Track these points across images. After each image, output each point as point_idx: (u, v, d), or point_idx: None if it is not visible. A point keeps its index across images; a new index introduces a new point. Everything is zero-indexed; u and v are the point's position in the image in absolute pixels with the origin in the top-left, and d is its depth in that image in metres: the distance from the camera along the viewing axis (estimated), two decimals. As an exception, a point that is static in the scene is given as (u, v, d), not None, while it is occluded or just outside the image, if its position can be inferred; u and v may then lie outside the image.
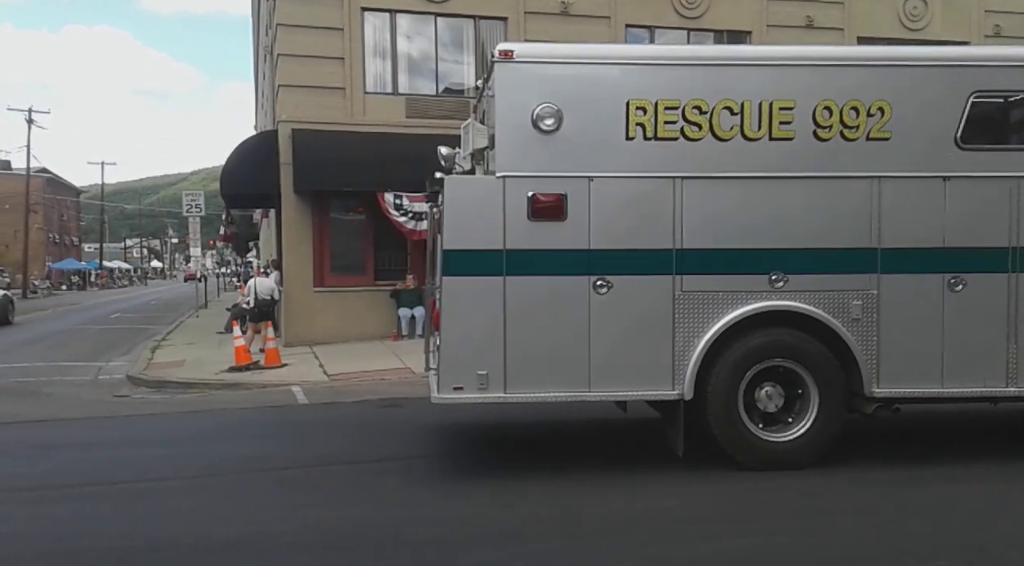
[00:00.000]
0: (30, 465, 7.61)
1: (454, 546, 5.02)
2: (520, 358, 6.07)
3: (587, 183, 6.10)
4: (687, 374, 6.16)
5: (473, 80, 17.35)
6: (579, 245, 6.11)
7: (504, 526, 5.40)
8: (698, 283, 6.21)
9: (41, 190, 61.53)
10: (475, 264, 6.07)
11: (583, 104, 6.13)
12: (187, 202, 27.72)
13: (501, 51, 6.12)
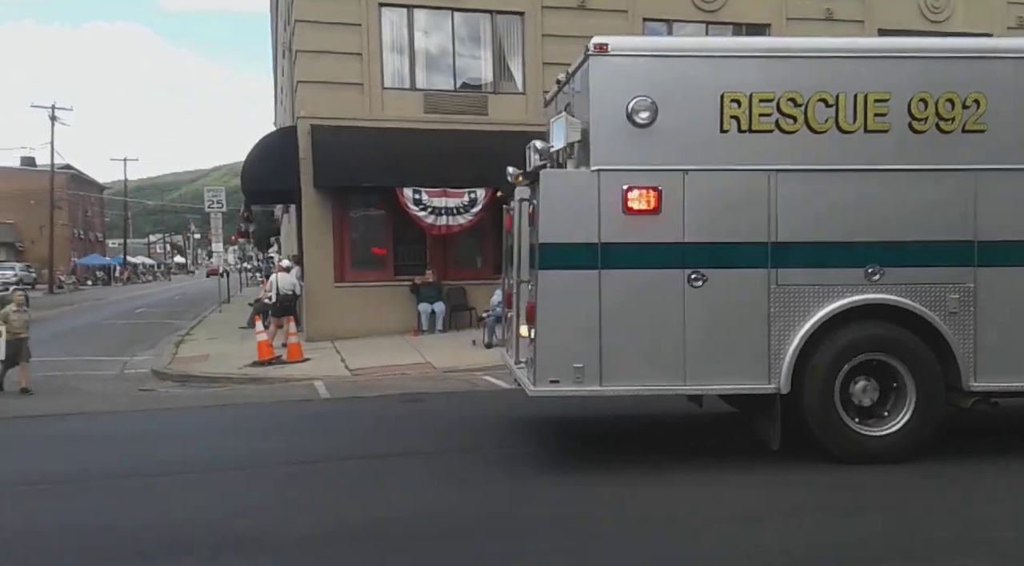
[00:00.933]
0: (56, 459, 7.77)
1: (460, 540, 5.08)
2: (616, 351, 6.07)
3: (682, 176, 6.11)
4: (783, 368, 6.14)
5: (491, 75, 17.40)
6: (674, 238, 6.11)
7: (523, 520, 5.45)
8: (794, 276, 6.19)
9: (65, 186, 62.26)
10: (570, 258, 6.09)
11: (677, 97, 6.13)
12: (208, 198, 28.00)
13: (596, 45, 6.11)
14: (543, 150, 6.61)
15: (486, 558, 4.83)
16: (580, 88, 6.49)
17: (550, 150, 6.56)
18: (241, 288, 41.24)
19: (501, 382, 11.22)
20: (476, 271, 17.28)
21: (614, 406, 7.81)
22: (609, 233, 6.08)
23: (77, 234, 70.97)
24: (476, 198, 15.95)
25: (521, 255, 6.85)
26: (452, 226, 15.91)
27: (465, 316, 16.56)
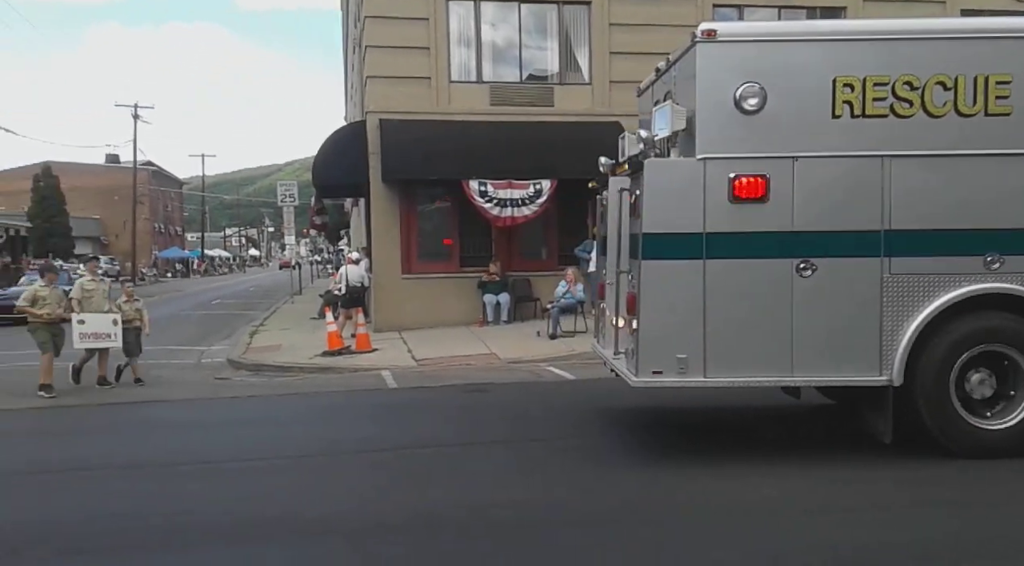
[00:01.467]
0: (138, 444, 8.10)
1: (536, 529, 5.10)
2: (720, 342, 6.00)
3: (791, 163, 6.00)
4: (896, 360, 5.97)
5: (556, 66, 17.33)
6: (782, 227, 6.00)
7: (596, 509, 5.44)
8: (908, 265, 6.02)
9: (147, 182, 64.73)
10: (674, 247, 6.04)
11: (787, 82, 6.01)
12: (281, 192, 28.76)
13: (704, 31, 6.03)
14: (647, 139, 6.47)
15: (560, 547, 4.84)
16: (684, 75, 6.39)
17: (654, 138, 6.43)
18: (312, 280, 42.18)
19: (565, 373, 11.22)
20: (541, 262, 17.29)
21: (689, 397, 7.70)
22: (715, 222, 5.98)
23: (158, 228, 73.70)
24: (541, 189, 15.93)
25: (621, 245, 6.83)
26: (517, 217, 15.93)
27: (530, 307, 16.58)
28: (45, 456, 7.68)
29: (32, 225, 50.03)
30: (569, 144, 16.22)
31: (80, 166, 62.69)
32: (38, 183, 54.62)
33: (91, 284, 11.34)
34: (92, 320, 10.97)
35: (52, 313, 10.79)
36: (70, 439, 8.63)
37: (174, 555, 4.86)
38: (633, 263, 6.44)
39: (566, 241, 17.20)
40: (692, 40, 6.13)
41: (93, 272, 11.85)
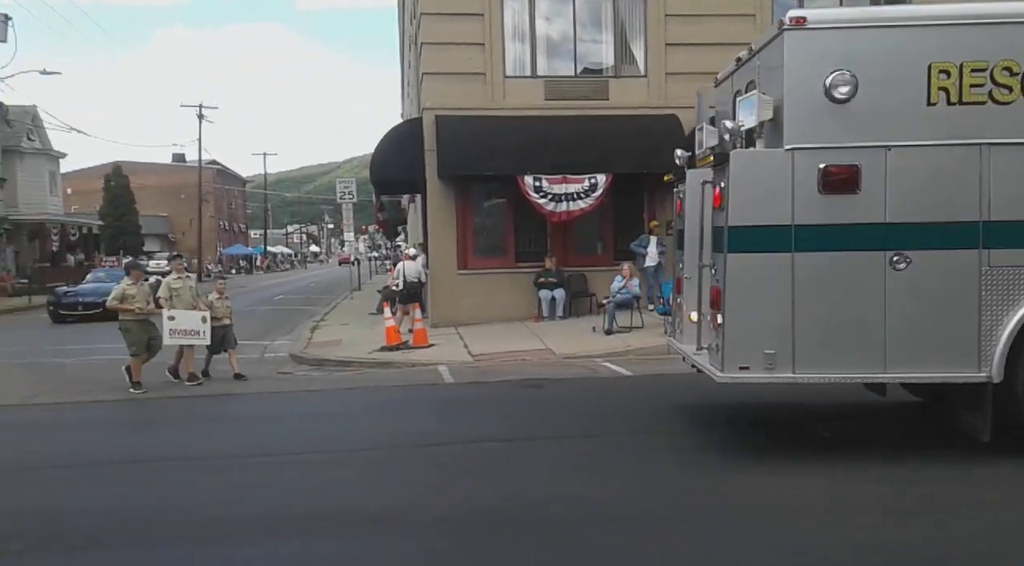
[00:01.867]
0: (202, 436, 8.37)
1: (588, 525, 5.10)
2: (810, 338, 5.89)
3: (884, 153, 5.86)
4: (995, 355, 5.79)
5: (612, 59, 17.20)
6: (874, 219, 5.87)
7: (639, 508, 5.42)
8: (1008, 257, 5.86)
9: (212, 180, 66.52)
10: (762, 240, 5.96)
11: (880, 70, 5.88)
12: (340, 189, 29.19)
13: (792, 18, 5.93)
14: (732, 129, 6.37)
15: (608, 544, 4.83)
16: (770, 64, 6.28)
17: (740, 129, 6.32)
18: (371, 275, 42.78)
19: (621, 369, 11.16)
20: (596, 257, 17.21)
21: (748, 393, 7.61)
22: (803, 214, 5.88)
23: (222, 225, 75.65)
24: (596, 183, 15.84)
25: (703, 239, 6.75)
26: (572, 211, 15.88)
27: (585, 302, 16.53)
28: (120, 447, 7.99)
29: (104, 223, 51.89)
30: (624, 138, 16.10)
31: (148, 165, 64.74)
32: (109, 182, 56.63)
33: (177, 282, 11.44)
34: (182, 317, 11.06)
35: (143, 308, 10.84)
36: (143, 431, 8.95)
37: (236, 546, 5.01)
38: (717, 257, 6.35)
39: (622, 236, 17.09)
40: (779, 28, 6.01)
41: (179, 270, 11.97)
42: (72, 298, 21.81)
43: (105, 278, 23.69)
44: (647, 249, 16.09)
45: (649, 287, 15.89)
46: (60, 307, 21.68)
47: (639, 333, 13.66)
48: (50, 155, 42.90)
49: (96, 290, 21.88)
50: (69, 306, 21.45)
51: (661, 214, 17.06)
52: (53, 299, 22.45)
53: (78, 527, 5.33)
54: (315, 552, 4.89)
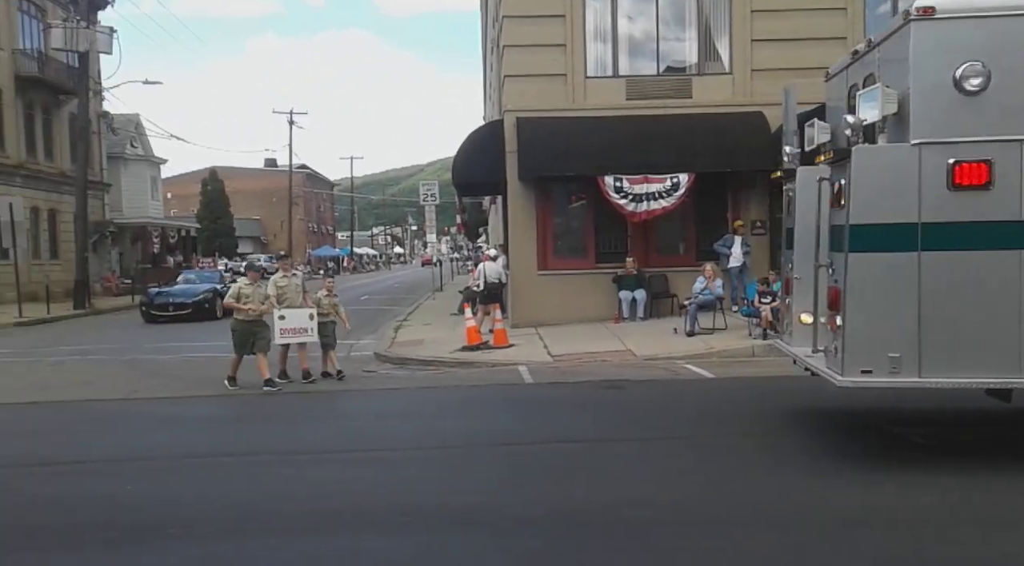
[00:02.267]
0: (292, 432, 8.63)
1: (668, 527, 5.04)
2: (937, 340, 5.71)
3: (1019, 147, 5.66)
4: None
5: (695, 56, 16.92)
6: (1008, 216, 5.67)
7: (720, 512, 5.32)
8: None
9: (301, 184, 68.71)
10: (885, 239, 5.80)
11: (1014, 60, 5.67)
12: (423, 192, 29.70)
13: (920, 8, 5.75)
14: (854, 124, 6.15)
15: (686, 547, 4.77)
16: (893, 56, 6.08)
17: (862, 124, 6.12)
18: (453, 276, 43.30)
19: (704, 371, 10.97)
20: (678, 257, 16.97)
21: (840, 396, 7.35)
22: (931, 212, 5.68)
23: (311, 227, 77.97)
24: (678, 183, 15.62)
25: (820, 237, 6.60)
26: (653, 211, 15.70)
27: (667, 303, 16.32)
28: (212, 441, 8.33)
29: (201, 226, 54.24)
30: (708, 136, 15.83)
31: (242, 170, 67.37)
32: (206, 187, 59.22)
33: (283, 281, 11.54)
34: (291, 316, 11.21)
35: (256, 309, 10.88)
36: (234, 426, 9.31)
37: (323, 539, 5.14)
38: (836, 256, 6.18)
39: (704, 236, 16.80)
40: (905, 18, 5.80)
41: (285, 270, 12.04)
42: (163, 299, 22.21)
43: (196, 279, 24.23)
44: (731, 249, 15.77)
45: (733, 288, 15.56)
46: (152, 308, 22.02)
47: (722, 335, 13.39)
48: (151, 161, 45.10)
49: (186, 291, 22.50)
50: (160, 306, 21.84)
51: (746, 213, 16.70)
52: (145, 300, 22.85)
53: (172, 518, 5.58)
54: (398, 546, 4.98)
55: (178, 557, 4.81)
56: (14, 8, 31.80)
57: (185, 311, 21.44)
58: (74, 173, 28.98)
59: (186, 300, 21.89)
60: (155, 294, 22.77)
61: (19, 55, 31.60)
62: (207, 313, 21.47)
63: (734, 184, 16.80)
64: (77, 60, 28.01)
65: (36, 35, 32.97)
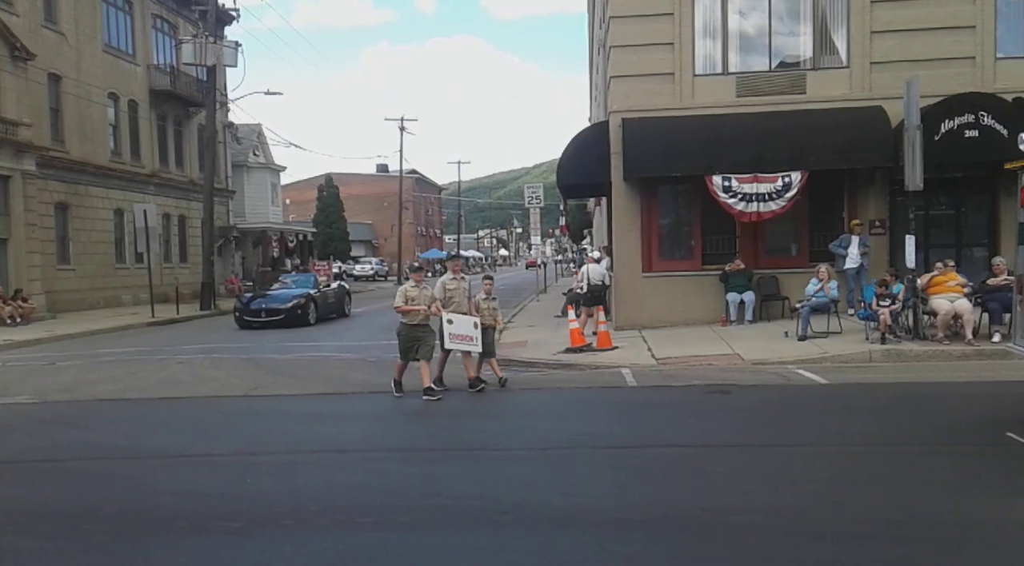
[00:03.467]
0: (397, 429, 8.87)
1: (774, 538, 4.87)
2: None
3: None
4: None
5: (810, 50, 16.34)
6: None
7: (829, 523, 5.10)
8: None
9: (411, 189, 70.51)
10: None
11: None
12: (528, 194, 29.90)
13: None
14: None
15: (787, 558, 4.61)
16: None
17: None
18: (557, 278, 43.37)
19: (816, 376, 10.56)
20: (789, 259, 16.43)
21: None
22: None
23: (419, 231, 79.87)
24: (790, 182, 15.11)
25: None
26: (763, 212, 15.25)
27: (777, 306, 15.81)
28: (331, 436, 8.64)
29: (317, 230, 56.50)
30: (823, 132, 15.26)
31: (355, 176, 69.75)
32: (321, 192, 61.66)
33: (453, 283, 10.79)
34: (459, 321, 10.58)
35: (424, 311, 10.33)
36: (347, 423, 9.60)
37: (427, 534, 5.25)
38: None
39: (819, 236, 16.20)
40: None
41: (456, 271, 11.16)
42: (257, 305, 21.60)
43: (291, 284, 23.52)
44: (848, 250, 15.13)
45: (849, 290, 14.92)
46: (245, 314, 21.38)
47: (837, 339, 12.86)
48: (272, 168, 47.34)
49: (279, 296, 21.88)
50: (253, 313, 21.23)
51: (863, 212, 15.99)
52: (239, 305, 22.12)
53: (289, 510, 5.84)
54: (498, 545, 5.03)
55: (293, 547, 5.02)
56: (149, 26, 34.10)
57: (278, 317, 21.05)
58: (202, 181, 30.79)
59: (279, 306, 21.39)
60: (248, 300, 22.39)
61: (153, 70, 33.88)
62: (300, 319, 21.25)
63: (851, 182, 16.12)
64: (205, 74, 29.75)
65: (168, 51, 35.26)
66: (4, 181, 24.43)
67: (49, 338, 19.76)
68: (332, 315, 23.57)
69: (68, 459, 7.62)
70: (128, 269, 31.18)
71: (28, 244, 25.14)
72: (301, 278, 24.76)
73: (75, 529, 5.41)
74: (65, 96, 28.34)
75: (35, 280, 25.20)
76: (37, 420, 9.83)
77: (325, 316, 22.82)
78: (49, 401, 11.01)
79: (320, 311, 22.35)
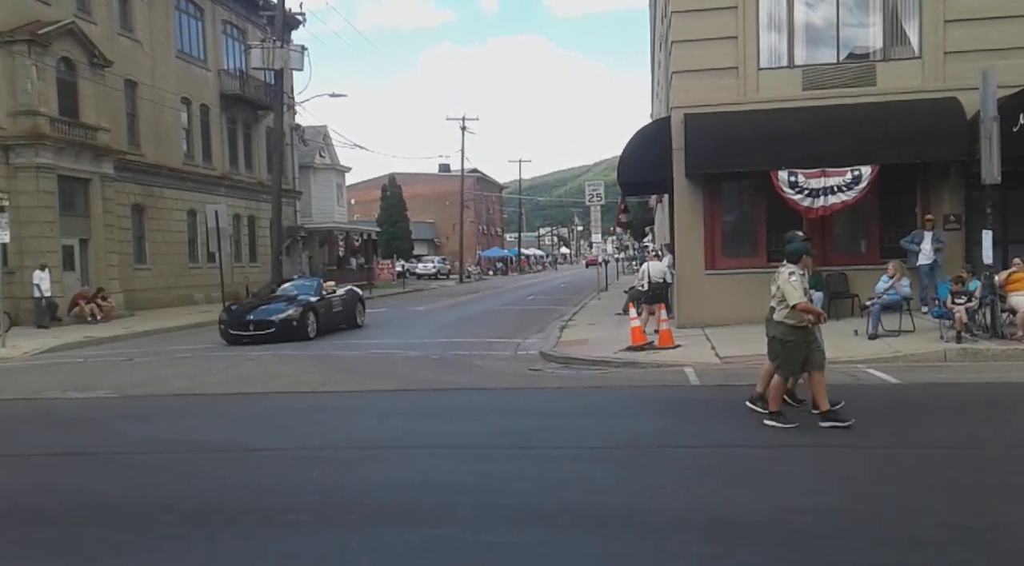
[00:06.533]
0: (461, 425, 8.94)
1: (841, 541, 4.76)
2: None
3: None
4: None
5: (880, 41, 15.86)
6: None
7: (895, 529, 4.96)
8: None
9: (472, 188, 71.00)
10: None
11: None
12: (589, 192, 29.80)
13: None
14: None
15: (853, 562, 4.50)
16: None
17: None
18: (618, 276, 43.11)
19: (887, 376, 10.27)
20: (859, 255, 15.98)
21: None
22: None
23: (481, 229, 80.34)
24: (860, 176, 14.69)
25: None
26: (833, 205, 14.85)
27: (846, 304, 15.40)
28: (395, 433, 8.78)
29: (380, 229, 57.38)
30: (894, 125, 14.80)
31: (418, 176, 70.60)
32: (385, 192, 62.61)
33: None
34: None
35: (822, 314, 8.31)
36: (411, 419, 9.73)
37: (491, 531, 5.30)
38: None
39: (890, 232, 15.73)
40: None
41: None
42: (245, 317, 18.25)
43: (293, 291, 20.04)
44: (921, 246, 14.64)
45: (922, 287, 14.44)
46: (231, 326, 18.05)
47: (909, 338, 12.47)
48: (337, 169, 48.29)
49: (272, 307, 18.53)
50: (240, 325, 17.99)
51: (937, 207, 15.46)
52: (224, 317, 18.56)
53: (352, 505, 5.97)
54: (557, 543, 5.04)
55: (359, 541, 5.13)
56: (219, 32, 35.16)
57: (268, 331, 17.67)
58: (270, 182, 31.58)
59: (270, 318, 17.97)
60: (237, 310, 18.85)
61: (223, 75, 34.93)
62: (296, 332, 17.80)
63: (924, 176, 15.60)
64: (273, 77, 30.50)
65: (238, 56, 36.30)
66: (84, 184, 25.53)
67: (127, 335, 20.59)
68: (341, 326, 20.08)
69: (144, 452, 7.93)
70: (200, 268, 32.24)
71: (107, 244, 26.24)
72: (303, 284, 20.94)
73: (152, 521, 5.63)
74: (141, 101, 29.45)
75: (114, 279, 26.28)
76: (115, 414, 10.27)
77: (330, 328, 19.33)
78: (127, 396, 11.48)
79: (322, 322, 18.78)
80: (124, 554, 5.09)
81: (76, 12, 25.90)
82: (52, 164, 23.83)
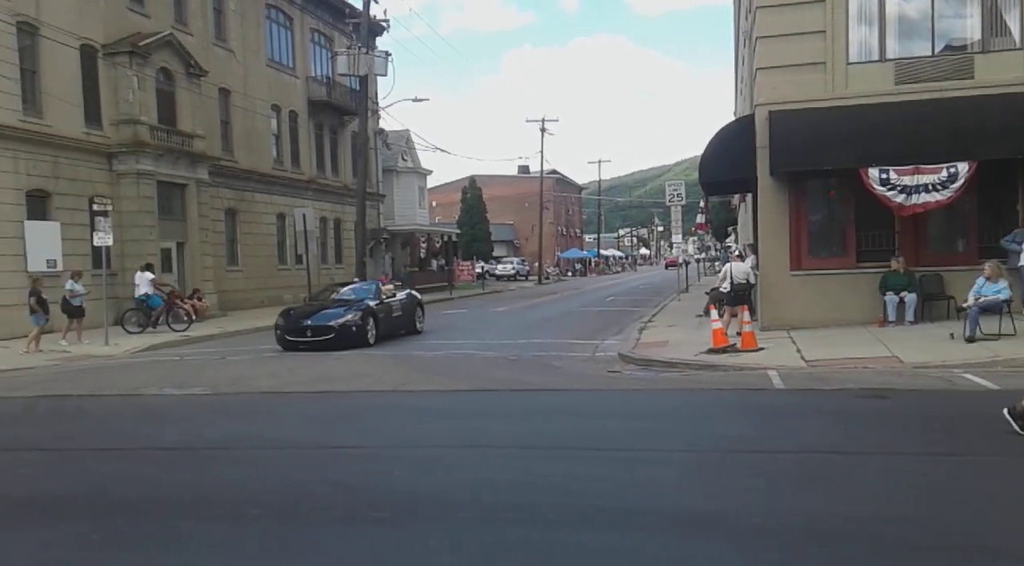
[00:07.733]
0: (540, 426, 8.97)
1: (921, 552, 4.57)
2: None
3: None
4: None
5: (978, 32, 15.15)
6: None
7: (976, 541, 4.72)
8: None
9: (551, 189, 71.04)
10: None
11: None
12: (669, 192, 29.41)
13: None
14: None
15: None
16: None
17: None
18: (699, 277, 42.38)
19: (986, 382, 9.79)
20: (955, 256, 15.29)
21: None
22: None
23: (560, 230, 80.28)
24: (956, 173, 14.05)
25: None
26: (927, 204, 14.25)
27: (941, 306, 14.75)
28: (472, 433, 8.88)
29: (460, 231, 58.05)
30: (993, 119, 14.13)
31: (498, 178, 71.05)
32: (465, 194, 63.29)
33: None
34: None
35: None
36: (486, 419, 9.83)
37: (570, 532, 5.29)
38: None
39: (989, 231, 14.99)
40: None
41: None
42: (302, 322, 17.48)
43: (351, 294, 19.16)
44: (1022, 246, 13.89)
45: (1023, 289, 13.69)
46: (288, 332, 17.30)
47: (1010, 341, 11.86)
48: (419, 172, 49.10)
49: (331, 312, 17.56)
50: (298, 331, 17.24)
51: (1043, 204, 14.63)
52: (280, 322, 17.67)
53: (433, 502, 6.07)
54: (631, 546, 5.01)
55: (437, 539, 5.21)
56: (308, 40, 36.26)
57: (327, 337, 16.90)
58: (355, 186, 32.39)
59: (329, 323, 17.16)
60: (295, 315, 17.95)
61: (311, 81, 36.00)
62: (356, 339, 16.98)
63: None
64: (358, 83, 31.27)
65: (324, 63, 37.35)
66: (181, 189, 26.75)
67: (220, 334, 21.46)
68: (400, 332, 19.18)
69: (233, 448, 8.25)
70: (289, 270, 33.32)
71: (202, 247, 27.42)
72: (362, 288, 20.02)
73: (239, 514, 5.85)
74: (234, 109, 30.64)
75: (208, 280, 27.42)
76: (209, 411, 10.72)
77: (390, 333, 18.52)
78: (219, 392, 11.96)
79: (382, 328, 17.95)
80: (215, 545, 5.31)
81: (174, 24, 27.15)
82: (152, 170, 25.05)
